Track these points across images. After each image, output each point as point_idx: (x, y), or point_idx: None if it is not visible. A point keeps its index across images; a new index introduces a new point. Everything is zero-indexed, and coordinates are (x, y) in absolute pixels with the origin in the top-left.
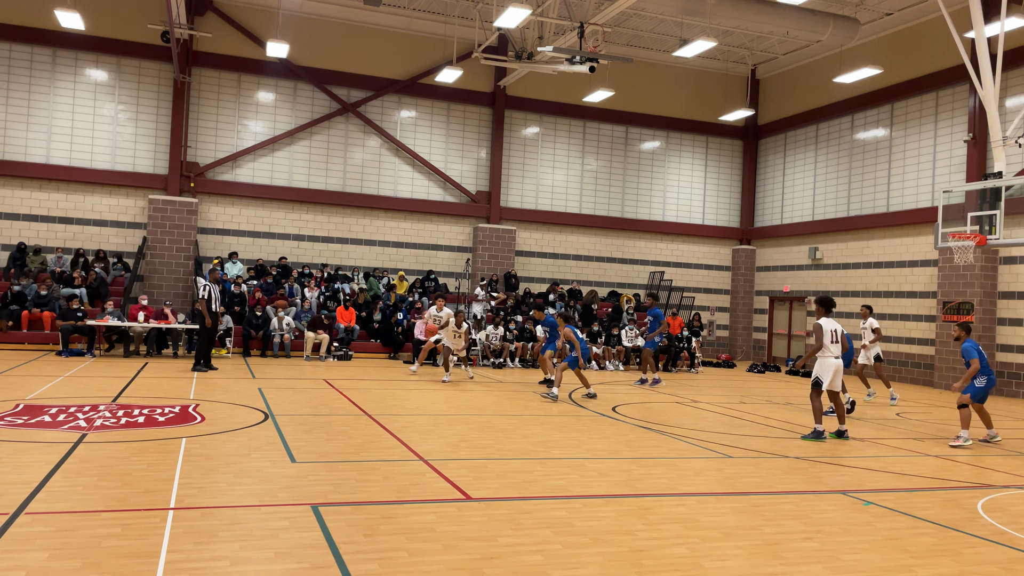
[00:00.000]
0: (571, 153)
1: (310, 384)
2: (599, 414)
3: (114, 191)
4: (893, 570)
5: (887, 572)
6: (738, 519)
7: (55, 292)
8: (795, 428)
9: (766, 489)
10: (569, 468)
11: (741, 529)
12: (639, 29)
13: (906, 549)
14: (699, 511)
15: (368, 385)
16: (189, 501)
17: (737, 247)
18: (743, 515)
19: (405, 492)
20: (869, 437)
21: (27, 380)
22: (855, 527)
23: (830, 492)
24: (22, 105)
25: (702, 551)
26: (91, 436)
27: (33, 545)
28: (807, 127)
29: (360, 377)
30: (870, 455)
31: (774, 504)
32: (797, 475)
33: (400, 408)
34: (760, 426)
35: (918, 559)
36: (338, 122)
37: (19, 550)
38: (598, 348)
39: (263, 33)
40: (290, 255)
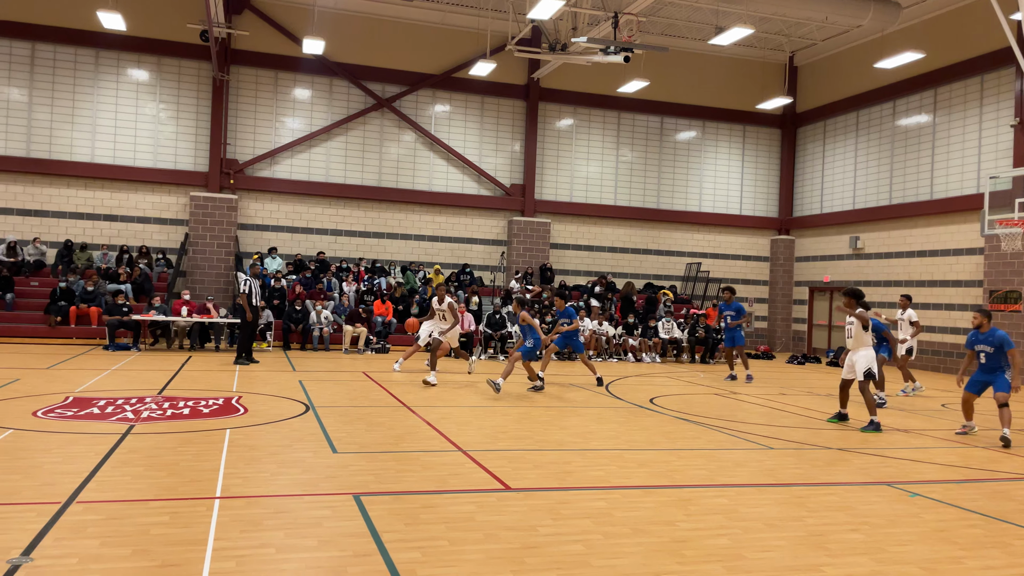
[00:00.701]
0: (605, 144)
1: (349, 376)
2: (637, 405)
3: (157, 188)
4: (942, 561)
5: (936, 564)
6: (781, 510)
7: (101, 288)
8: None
9: (809, 480)
10: (607, 459)
11: (784, 520)
12: (674, 18)
13: (954, 541)
14: (740, 502)
15: (406, 377)
16: (234, 490)
17: (775, 237)
18: (786, 506)
19: (444, 482)
20: (915, 428)
21: (76, 374)
22: (901, 519)
23: (875, 483)
24: (67, 105)
25: (744, 542)
26: (138, 427)
27: (85, 533)
28: (847, 114)
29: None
30: (916, 446)
31: (817, 495)
32: (840, 466)
33: (437, 400)
34: (801, 417)
35: (967, 551)
36: (373, 117)
37: (71, 538)
38: (635, 340)
39: (299, 30)
40: (328, 250)
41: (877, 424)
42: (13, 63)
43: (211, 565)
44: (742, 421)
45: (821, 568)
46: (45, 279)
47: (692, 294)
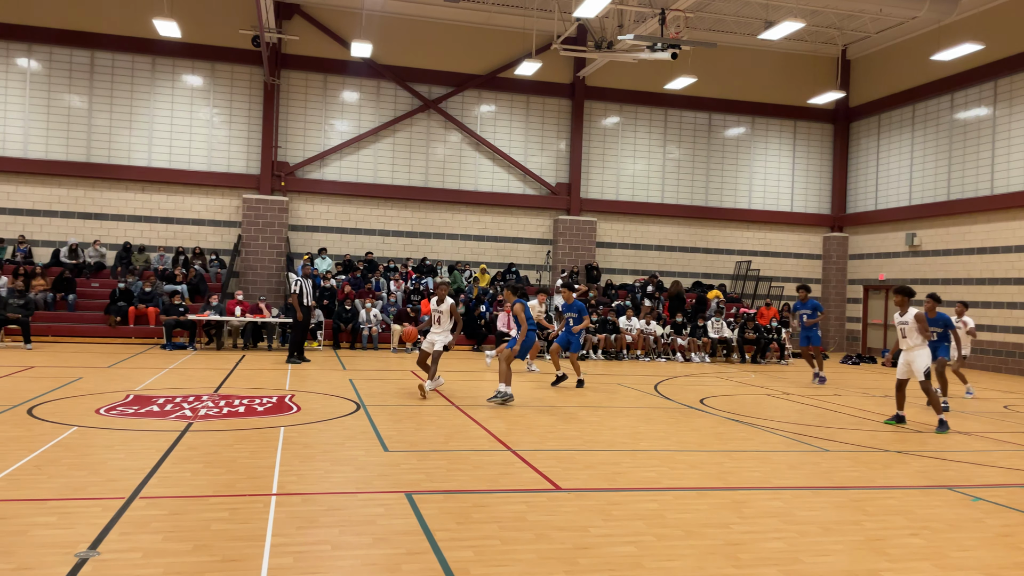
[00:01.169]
0: (652, 142)
1: (398, 375)
2: (687, 406)
3: (211, 191)
4: (1007, 568)
5: (1000, 570)
6: (838, 514)
7: (158, 288)
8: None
9: (866, 484)
10: (658, 460)
11: (841, 524)
12: (722, 13)
13: (1019, 547)
14: (796, 505)
15: (453, 376)
16: (290, 487)
17: (828, 234)
18: (843, 510)
19: (495, 481)
20: (976, 431)
21: (135, 372)
22: (964, 523)
23: (936, 487)
24: (125, 111)
25: (801, 546)
26: (196, 425)
27: (148, 528)
28: (902, 108)
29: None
30: (977, 449)
31: (876, 499)
32: (899, 469)
33: (484, 399)
34: (857, 419)
35: None
36: (420, 119)
37: (135, 532)
38: (683, 340)
39: (347, 34)
40: (375, 250)
41: (945, 424)
42: (74, 71)
43: (269, 561)
44: (795, 423)
45: (881, 573)
46: (105, 280)
47: (742, 293)
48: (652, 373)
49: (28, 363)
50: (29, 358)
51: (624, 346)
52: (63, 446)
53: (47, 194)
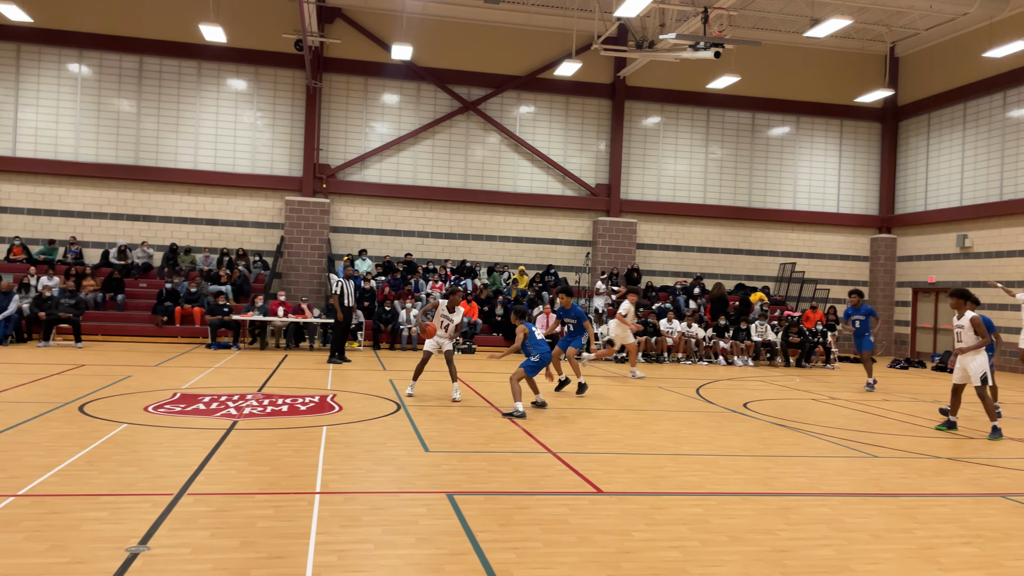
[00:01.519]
0: (694, 142)
1: (437, 376)
2: (730, 410)
3: (254, 193)
4: None
5: None
6: (887, 521)
7: (204, 289)
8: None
9: (917, 491)
10: (701, 464)
11: (891, 532)
12: (767, 11)
13: None
14: (844, 512)
15: (491, 378)
16: (333, 486)
17: (876, 236)
18: (893, 517)
19: (536, 484)
20: None
21: (182, 371)
22: (1019, 532)
23: (989, 495)
24: (172, 115)
25: (850, 553)
26: (241, 423)
27: (196, 524)
28: (953, 106)
29: (483, 370)
30: None
31: (927, 507)
32: (951, 477)
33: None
34: (906, 425)
35: None
36: (459, 120)
37: (184, 528)
38: (725, 343)
39: (388, 37)
40: (415, 251)
41: (999, 431)
42: (123, 76)
43: (314, 559)
44: (842, 428)
45: None
46: (152, 281)
47: (786, 295)
48: (694, 376)
49: (79, 361)
50: (80, 356)
51: (665, 349)
52: (113, 443)
53: (97, 196)
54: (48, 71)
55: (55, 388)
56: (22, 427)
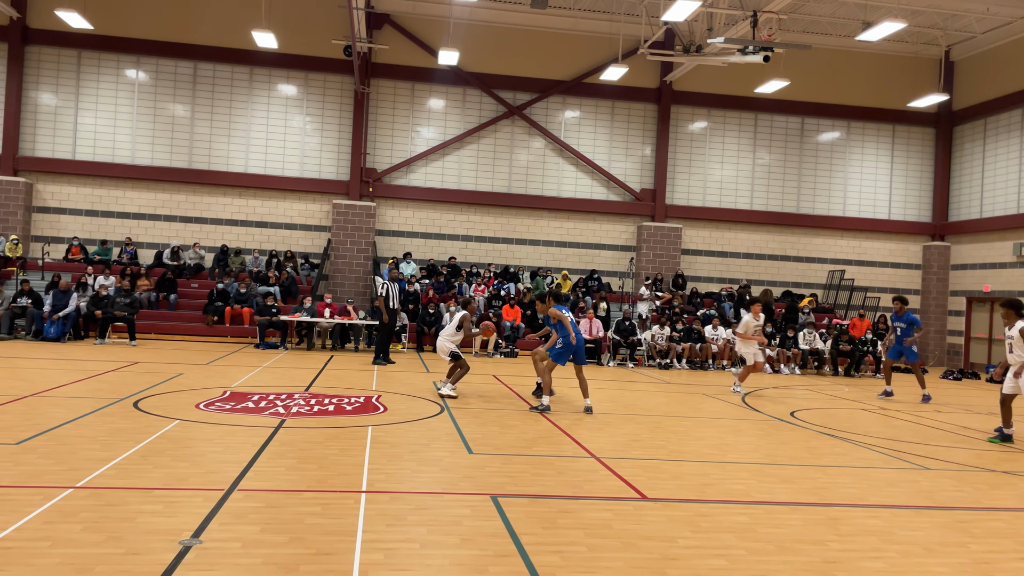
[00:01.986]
0: (741, 147)
1: (479, 379)
2: (776, 419)
3: (303, 196)
4: None
5: None
6: (941, 535)
7: (253, 290)
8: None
9: (971, 504)
10: (748, 473)
11: (945, 546)
12: (817, 14)
13: None
14: (896, 524)
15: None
16: (379, 485)
17: (928, 243)
18: (946, 531)
19: (580, 488)
20: None
21: (231, 370)
22: None
23: None
24: (224, 120)
25: (903, 567)
26: (289, 422)
27: (246, 519)
28: (1011, 111)
29: (526, 374)
30: None
31: (981, 521)
32: (1007, 490)
33: (567, 405)
34: (960, 437)
35: None
36: (504, 125)
37: (235, 523)
38: (772, 351)
39: (435, 42)
40: (459, 255)
41: None
42: (178, 82)
43: (361, 556)
44: (893, 439)
45: None
46: (203, 281)
47: (835, 303)
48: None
49: (133, 359)
50: (134, 354)
51: (710, 356)
52: (166, 438)
53: (152, 198)
54: (107, 77)
55: (110, 384)
56: (80, 421)
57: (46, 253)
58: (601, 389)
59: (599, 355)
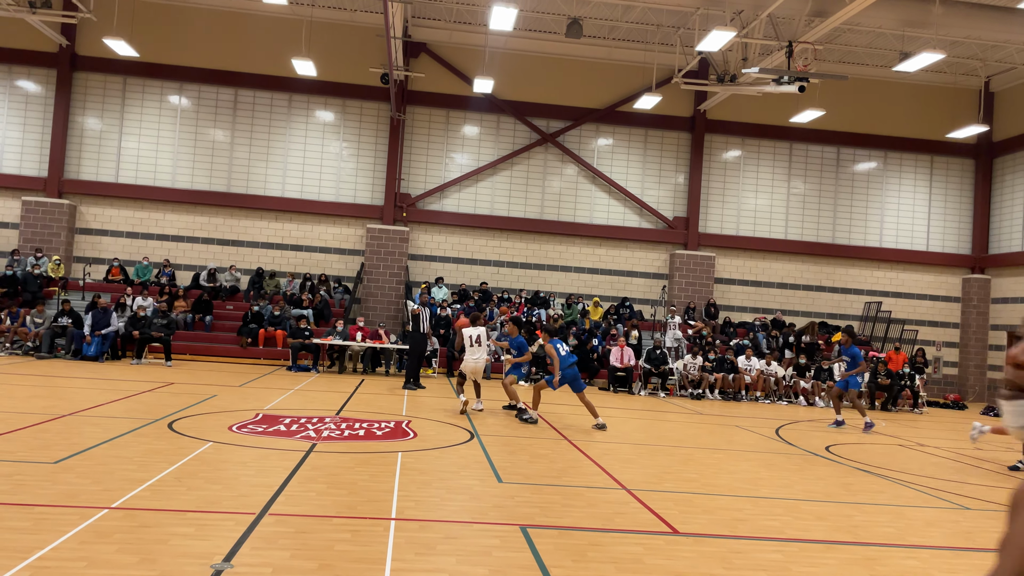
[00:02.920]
0: (775, 176)
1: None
2: (811, 453)
3: (337, 221)
4: None
5: None
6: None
7: (287, 312)
8: None
9: None
10: (781, 509)
11: None
12: (854, 44)
13: None
14: (934, 566)
15: (564, 410)
16: (408, 513)
17: (968, 276)
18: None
19: (610, 520)
20: None
21: (264, 392)
22: None
23: None
24: (263, 145)
25: None
26: (320, 446)
27: (277, 544)
28: None
29: (556, 401)
30: None
31: None
32: None
33: (598, 435)
34: (1001, 476)
35: None
36: (537, 152)
37: (265, 548)
38: (806, 382)
39: (470, 71)
40: (490, 280)
41: None
42: (219, 108)
43: None
44: (931, 476)
45: None
46: (239, 303)
47: (871, 335)
48: (773, 416)
49: (169, 380)
50: (170, 375)
51: (743, 387)
52: (200, 460)
53: (190, 221)
54: (151, 103)
55: (146, 405)
56: (116, 441)
57: (87, 274)
58: (632, 419)
59: (630, 384)
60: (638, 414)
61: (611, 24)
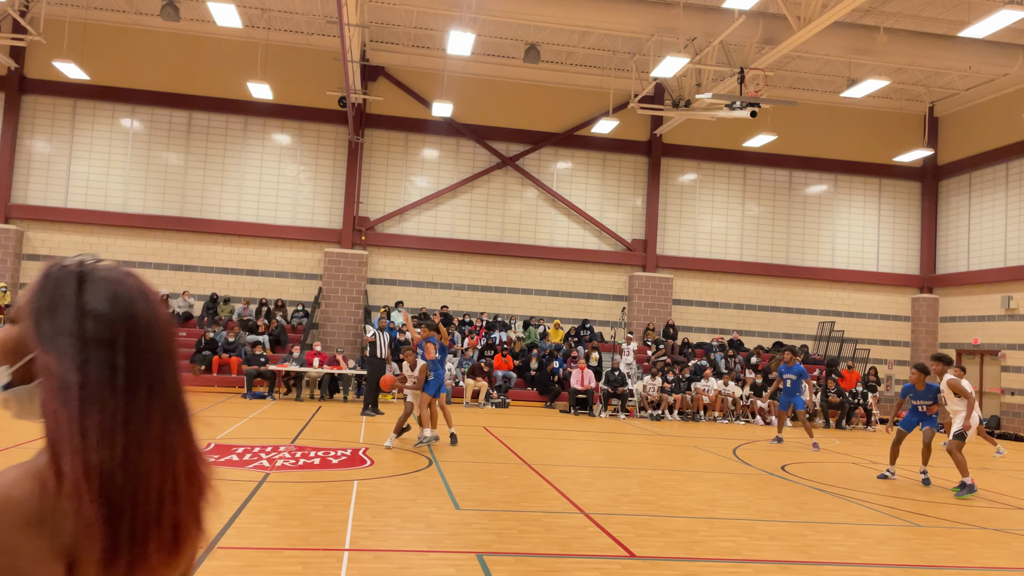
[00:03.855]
0: (731, 199)
1: (469, 431)
2: (767, 472)
3: (294, 245)
4: None
5: None
6: None
7: (241, 339)
8: (994, 496)
9: (961, 563)
10: (737, 530)
11: None
12: (803, 71)
13: None
14: None
15: (525, 433)
16: (362, 543)
17: (917, 296)
18: None
19: (567, 546)
20: None
21: (217, 421)
22: None
23: None
24: (217, 168)
25: None
26: (273, 476)
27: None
28: (995, 166)
29: (517, 425)
30: None
31: None
32: (997, 548)
33: (558, 458)
34: (951, 492)
35: None
36: (497, 175)
37: None
38: (763, 402)
39: (429, 94)
40: (451, 303)
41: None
42: (172, 131)
43: None
44: (884, 494)
45: None
46: (192, 330)
47: (825, 355)
48: (730, 436)
49: None
50: None
51: (701, 407)
52: None
53: (143, 246)
54: (102, 126)
55: None
56: None
57: None
58: (592, 441)
59: (591, 406)
60: (598, 436)
61: (568, 50)
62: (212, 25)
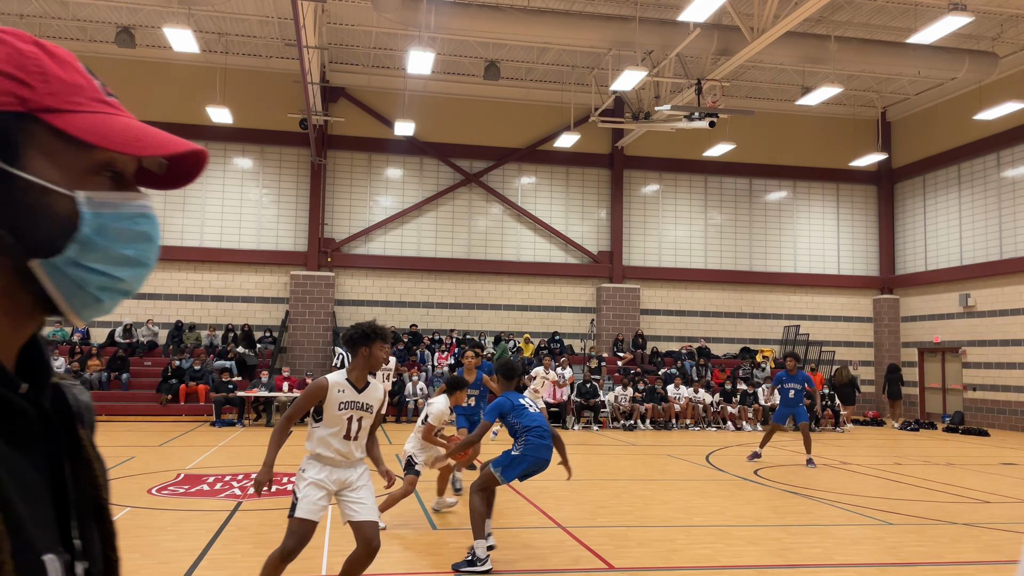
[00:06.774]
0: (693, 208)
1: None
2: (741, 478)
3: (260, 269)
4: None
5: None
6: None
7: (208, 366)
8: (962, 492)
9: (935, 559)
10: (714, 536)
11: None
12: (758, 80)
13: None
14: None
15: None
16: (338, 568)
17: (878, 297)
18: None
19: (546, 561)
20: None
21: (186, 451)
22: None
23: (1008, 563)
24: (179, 194)
25: None
26: (245, 504)
27: None
28: (948, 168)
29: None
30: None
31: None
32: (969, 543)
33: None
34: (920, 490)
35: None
36: (462, 192)
37: None
38: (733, 408)
39: (391, 114)
40: (420, 322)
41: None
42: None
43: None
44: (855, 494)
45: None
46: (157, 359)
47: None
48: (703, 443)
49: None
50: None
51: (673, 415)
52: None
53: None
54: None
55: None
56: None
57: None
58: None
59: (564, 418)
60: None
61: (528, 66)
62: (169, 51)
